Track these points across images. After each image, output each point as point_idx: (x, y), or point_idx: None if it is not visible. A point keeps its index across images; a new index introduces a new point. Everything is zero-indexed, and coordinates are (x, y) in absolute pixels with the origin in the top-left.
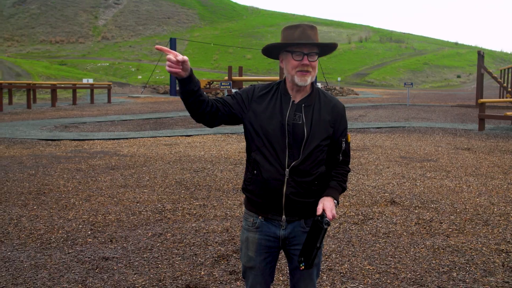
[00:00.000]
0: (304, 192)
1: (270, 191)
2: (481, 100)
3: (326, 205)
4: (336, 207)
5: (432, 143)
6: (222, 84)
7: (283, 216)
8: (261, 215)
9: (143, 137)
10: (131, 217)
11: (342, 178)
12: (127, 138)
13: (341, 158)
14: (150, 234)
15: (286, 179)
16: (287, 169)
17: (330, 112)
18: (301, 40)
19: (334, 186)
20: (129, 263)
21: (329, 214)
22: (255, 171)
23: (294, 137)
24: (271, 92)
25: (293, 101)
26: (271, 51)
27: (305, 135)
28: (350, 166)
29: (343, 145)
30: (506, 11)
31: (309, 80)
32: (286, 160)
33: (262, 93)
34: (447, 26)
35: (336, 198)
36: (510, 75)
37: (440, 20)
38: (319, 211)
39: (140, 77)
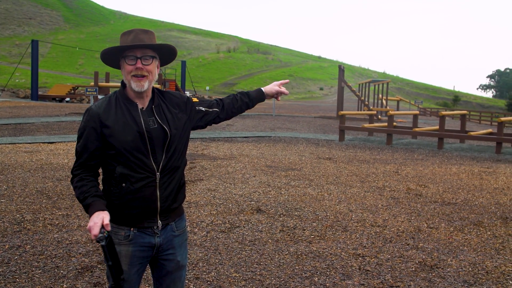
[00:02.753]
0: (175, 189)
1: (144, 199)
2: (341, 112)
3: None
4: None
5: (296, 152)
6: (88, 89)
7: (158, 222)
8: (134, 227)
9: (0, 144)
10: None
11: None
12: None
13: (219, 102)
14: (7, 246)
15: (157, 183)
16: (157, 173)
17: (177, 106)
18: (134, 43)
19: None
20: None
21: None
22: (123, 184)
23: (155, 141)
24: (112, 103)
25: (142, 108)
26: (112, 60)
27: (168, 135)
28: (217, 174)
29: (207, 104)
30: (364, 29)
31: (146, 85)
32: (154, 165)
33: (104, 108)
34: (311, 40)
35: None
36: (367, 89)
37: (305, 34)
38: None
39: None
